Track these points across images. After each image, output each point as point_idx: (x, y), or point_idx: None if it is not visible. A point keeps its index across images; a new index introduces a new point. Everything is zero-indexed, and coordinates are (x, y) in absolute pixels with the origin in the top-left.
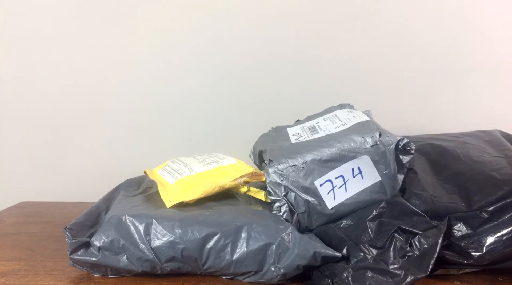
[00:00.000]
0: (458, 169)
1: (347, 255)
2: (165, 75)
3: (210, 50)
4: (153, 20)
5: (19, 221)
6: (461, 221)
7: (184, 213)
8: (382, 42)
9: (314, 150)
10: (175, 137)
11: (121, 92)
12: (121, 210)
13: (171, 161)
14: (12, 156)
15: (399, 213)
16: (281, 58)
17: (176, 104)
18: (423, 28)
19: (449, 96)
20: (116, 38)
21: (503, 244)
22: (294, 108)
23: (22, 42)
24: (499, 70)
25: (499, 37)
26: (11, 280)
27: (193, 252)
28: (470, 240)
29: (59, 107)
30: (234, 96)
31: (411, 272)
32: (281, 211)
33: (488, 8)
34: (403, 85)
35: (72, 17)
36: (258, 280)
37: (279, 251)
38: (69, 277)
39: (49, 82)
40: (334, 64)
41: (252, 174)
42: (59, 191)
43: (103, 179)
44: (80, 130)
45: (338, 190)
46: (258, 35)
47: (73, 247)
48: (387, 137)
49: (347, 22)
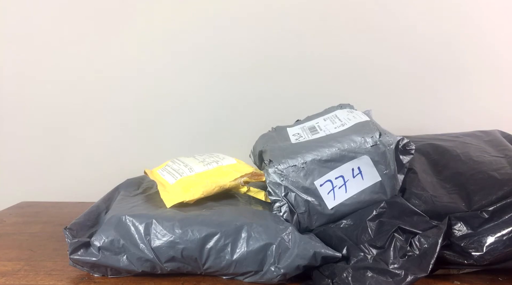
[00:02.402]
0: (458, 169)
1: (347, 255)
2: (165, 75)
3: (210, 50)
4: (153, 20)
5: (19, 221)
6: (461, 221)
7: (184, 213)
8: (382, 42)
9: (314, 150)
10: (175, 137)
11: (121, 92)
12: (121, 210)
13: (171, 161)
14: (12, 156)
15: (399, 213)
16: (281, 58)
17: (176, 104)
18: (423, 28)
19: (449, 96)
20: (116, 38)
21: (503, 244)
22: (294, 108)
23: (22, 42)
24: (499, 70)
25: (499, 37)
26: (11, 280)
27: (193, 252)
28: (470, 240)
29: (59, 107)
30: (234, 96)
31: (411, 272)
32: (281, 211)
33: (488, 8)
34: (403, 85)
35: (72, 18)
36: (258, 280)
37: (279, 251)
38: (69, 277)
39: (49, 83)
40: (334, 64)
41: (252, 174)
42: (59, 191)
43: (103, 179)
44: (80, 130)
45: (338, 190)
46: (258, 35)
47: (73, 247)
48: (387, 137)
49: (347, 22)
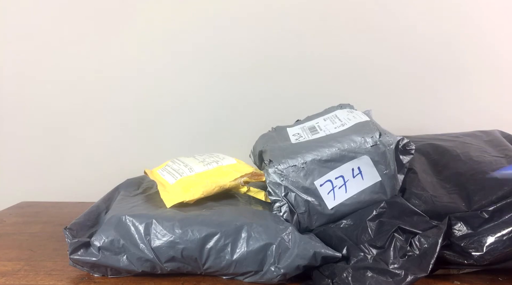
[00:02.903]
0: (458, 169)
1: (347, 255)
2: (165, 75)
3: (210, 50)
4: (153, 20)
5: (19, 221)
6: (461, 221)
7: (184, 213)
8: (382, 42)
9: (314, 150)
10: (175, 137)
11: (121, 92)
12: (121, 210)
13: (171, 161)
14: (12, 156)
15: (399, 213)
16: (281, 58)
17: (176, 104)
18: (423, 28)
19: (449, 96)
20: (116, 38)
21: (503, 244)
22: (294, 108)
23: (22, 42)
24: (499, 70)
25: (499, 37)
26: (11, 280)
27: (193, 252)
28: (470, 240)
29: (59, 107)
30: (234, 96)
31: (411, 272)
32: (281, 211)
33: (488, 8)
34: (403, 85)
35: (72, 18)
36: (258, 280)
37: (279, 251)
38: (69, 277)
39: (49, 83)
40: (334, 64)
41: (252, 174)
42: (59, 191)
43: (103, 179)
44: (80, 130)
45: (338, 190)
46: (258, 35)
47: (73, 247)
48: (387, 137)
49: (347, 22)
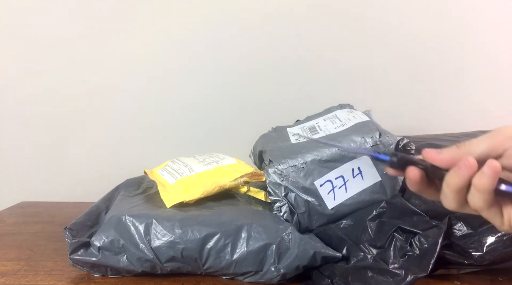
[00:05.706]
0: None
1: (347, 255)
2: (165, 76)
3: (210, 52)
4: (154, 21)
5: (19, 221)
6: (462, 221)
7: (184, 213)
8: (382, 43)
9: (314, 150)
10: (175, 138)
11: (121, 92)
12: (121, 210)
13: (171, 161)
14: (12, 156)
15: (399, 212)
16: (281, 59)
17: (176, 104)
18: (423, 28)
19: (449, 96)
20: (117, 40)
21: (503, 244)
22: (294, 108)
23: (23, 43)
24: (499, 70)
25: (498, 37)
26: (11, 280)
27: (193, 252)
28: (470, 240)
29: (59, 107)
30: (234, 97)
31: (411, 272)
32: (281, 211)
33: (488, 8)
34: (403, 85)
35: (74, 18)
36: (258, 280)
37: (279, 251)
38: (69, 277)
39: (50, 83)
40: (334, 65)
41: (252, 174)
42: (59, 191)
43: (103, 179)
44: (80, 130)
45: (338, 190)
46: (258, 36)
47: (73, 247)
48: (387, 137)
49: (347, 22)
